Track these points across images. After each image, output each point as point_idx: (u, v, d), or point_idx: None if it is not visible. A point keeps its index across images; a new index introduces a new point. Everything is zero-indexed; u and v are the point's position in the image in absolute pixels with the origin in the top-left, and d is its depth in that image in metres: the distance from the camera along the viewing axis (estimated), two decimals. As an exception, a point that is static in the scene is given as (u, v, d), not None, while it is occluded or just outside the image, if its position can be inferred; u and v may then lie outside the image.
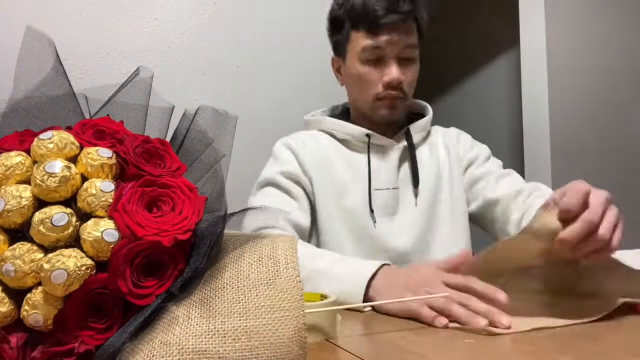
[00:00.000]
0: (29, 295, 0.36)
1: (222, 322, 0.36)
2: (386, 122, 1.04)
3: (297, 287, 0.39)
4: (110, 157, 0.41)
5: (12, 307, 0.36)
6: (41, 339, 0.37)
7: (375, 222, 1.00)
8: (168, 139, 0.46)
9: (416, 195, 1.04)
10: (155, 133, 0.46)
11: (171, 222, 0.38)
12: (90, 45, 1.51)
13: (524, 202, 0.97)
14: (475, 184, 1.07)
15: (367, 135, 1.04)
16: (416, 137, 1.07)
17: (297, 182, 1.02)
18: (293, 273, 0.40)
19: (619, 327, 0.57)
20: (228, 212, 0.42)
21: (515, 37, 2.20)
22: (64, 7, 1.48)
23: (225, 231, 0.42)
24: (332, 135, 1.08)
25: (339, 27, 1.04)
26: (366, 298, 0.69)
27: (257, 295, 0.38)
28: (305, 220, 0.99)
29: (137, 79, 0.47)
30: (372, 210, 1.00)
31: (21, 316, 0.36)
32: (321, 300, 0.58)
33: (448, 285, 0.63)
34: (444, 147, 1.11)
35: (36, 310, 0.36)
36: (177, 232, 0.38)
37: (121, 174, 0.41)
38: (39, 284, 0.36)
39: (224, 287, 0.39)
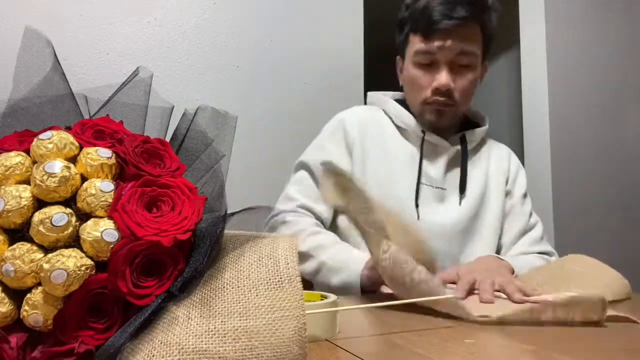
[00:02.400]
0: (28, 295, 0.36)
1: (222, 322, 0.36)
2: (433, 127, 1.05)
3: (297, 287, 0.39)
4: (110, 157, 0.40)
5: (12, 307, 0.36)
6: (41, 339, 0.37)
7: (418, 217, 1.01)
8: (168, 139, 0.46)
9: (461, 201, 1.04)
10: (155, 133, 0.46)
11: (171, 222, 0.38)
12: (90, 45, 1.51)
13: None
14: (505, 221, 1.09)
15: (423, 131, 1.05)
16: (471, 143, 1.08)
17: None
18: (293, 273, 0.40)
19: (618, 327, 0.57)
20: (228, 212, 0.42)
21: (515, 37, 2.20)
22: (64, 7, 1.48)
23: (225, 231, 0.42)
24: (391, 119, 1.09)
25: (402, 28, 1.05)
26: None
27: (257, 295, 0.38)
28: (326, 213, 1.01)
29: (137, 79, 0.47)
30: (417, 205, 1.01)
31: (21, 316, 0.36)
32: (321, 300, 0.58)
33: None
34: (495, 161, 1.12)
35: (36, 310, 0.36)
36: (177, 232, 0.38)
37: (121, 174, 0.41)
38: (39, 284, 0.36)
39: (224, 287, 0.39)
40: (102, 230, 0.37)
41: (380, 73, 2.42)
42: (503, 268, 0.86)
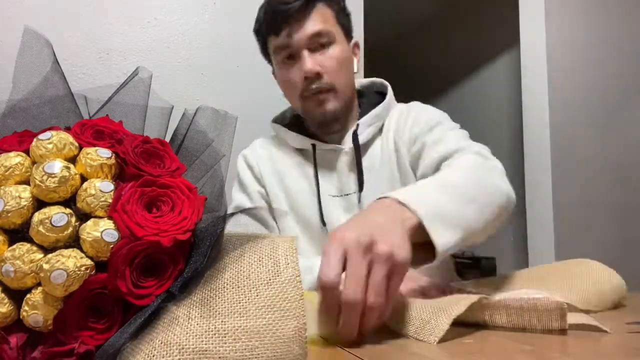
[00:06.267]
0: (28, 295, 0.36)
1: (222, 322, 0.36)
2: (325, 120, 0.96)
3: (297, 287, 0.39)
4: (110, 157, 0.40)
5: (12, 307, 0.36)
6: (41, 340, 0.37)
7: (327, 234, 0.96)
8: (167, 139, 0.46)
9: (359, 200, 0.96)
10: (155, 133, 0.46)
11: (171, 222, 0.38)
12: (90, 45, 1.51)
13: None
14: (418, 160, 0.92)
15: (313, 145, 1.00)
16: (369, 131, 0.98)
17: (264, 198, 1.03)
18: (293, 273, 0.40)
19: (620, 327, 0.57)
20: (228, 212, 0.42)
21: (515, 37, 2.20)
22: (64, 7, 1.48)
23: (226, 231, 0.42)
24: (287, 144, 1.06)
25: (261, 39, 1.01)
26: None
27: (257, 295, 0.38)
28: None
29: (137, 79, 0.47)
30: (324, 223, 0.97)
31: (21, 316, 0.36)
32: None
33: None
34: (395, 131, 0.98)
35: (36, 310, 0.36)
36: (177, 232, 0.38)
37: (120, 174, 0.41)
38: (39, 284, 0.36)
39: (224, 287, 0.39)
40: (101, 230, 0.37)
41: (380, 72, 2.41)
42: (396, 232, 0.52)
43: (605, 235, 2.04)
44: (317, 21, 0.93)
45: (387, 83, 1.06)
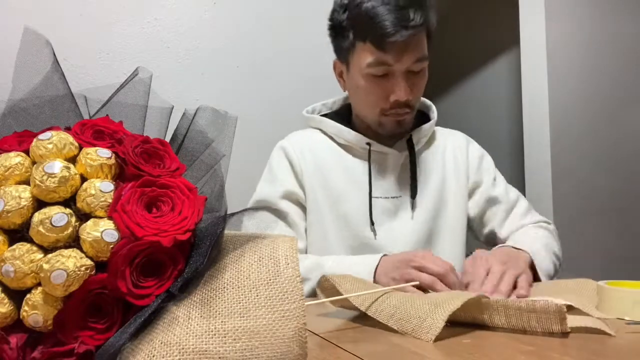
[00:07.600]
0: (28, 295, 0.36)
1: (222, 322, 0.36)
2: (396, 133, 1.00)
3: (297, 287, 0.39)
4: (110, 158, 0.40)
5: (12, 307, 0.36)
6: (41, 340, 0.37)
7: (375, 234, 0.98)
8: (167, 139, 0.46)
9: (413, 205, 1.01)
10: (155, 133, 0.46)
11: (171, 222, 0.38)
12: (90, 45, 1.51)
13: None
14: (486, 211, 1.06)
15: (368, 143, 1.01)
16: (419, 143, 1.04)
17: (295, 200, 1.01)
18: (293, 273, 0.39)
19: (619, 328, 0.57)
20: (228, 212, 0.42)
21: (515, 37, 2.20)
22: (64, 7, 1.48)
23: (226, 231, 0.42)
24: (331, 138, 1.06)
25: (342, 33, 0.96)
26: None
27: (257, 296, 0.38)
28: (301, 244, 0.99)
29: (136, 79, 0.47)
30: (372, 222, 0.98)
31: (21, 317, 0.36)
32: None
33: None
34: (452, 155, 1.07)
35: (36, 310, 0.36)
36: (177, 232, 0.38)
37: (120, 174, 0.41)
38: (39, 284, 0.36)
39: (224, 288, 0.39)
40: (101, 230, 0.37)
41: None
42: (521, 260, 0.83)
43: (606, 236, 2.04)
44: (422, 47, 0.93)
45: (432, 104, 1.10)
